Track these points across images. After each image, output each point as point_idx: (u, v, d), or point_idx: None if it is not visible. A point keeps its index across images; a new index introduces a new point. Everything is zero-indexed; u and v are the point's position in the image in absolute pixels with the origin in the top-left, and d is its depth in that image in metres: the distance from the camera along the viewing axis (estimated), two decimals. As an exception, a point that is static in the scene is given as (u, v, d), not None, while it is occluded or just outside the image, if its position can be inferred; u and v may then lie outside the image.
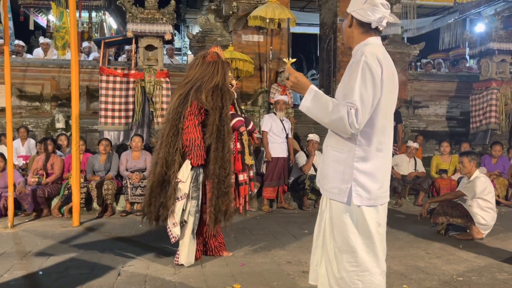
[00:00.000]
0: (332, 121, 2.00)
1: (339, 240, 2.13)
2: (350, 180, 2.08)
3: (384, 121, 2.11)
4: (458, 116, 10.43)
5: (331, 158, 2.15)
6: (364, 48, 2.07)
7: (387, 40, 9.72)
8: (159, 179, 3.67)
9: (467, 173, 5.09)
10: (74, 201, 5.44)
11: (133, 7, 7.68)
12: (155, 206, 3.69)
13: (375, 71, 2.00)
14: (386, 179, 2.19)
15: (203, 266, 3.83)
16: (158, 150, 3.76)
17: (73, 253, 4.21)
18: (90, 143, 8.27)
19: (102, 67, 7.74)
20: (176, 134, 3.68)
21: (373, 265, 2.12)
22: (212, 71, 3.81)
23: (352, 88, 1.98)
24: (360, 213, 2.09)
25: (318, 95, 2.05)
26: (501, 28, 9.18)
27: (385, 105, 2.08)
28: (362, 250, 2.10)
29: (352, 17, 2.14)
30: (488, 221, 4.89)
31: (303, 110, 2.10)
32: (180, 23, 18.60)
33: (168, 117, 3.77)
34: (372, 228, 2.11)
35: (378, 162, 2.11)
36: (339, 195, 2.11)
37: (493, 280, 3.52)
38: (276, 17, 8.19)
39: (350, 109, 1.95)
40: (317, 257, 2.30)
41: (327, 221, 2.20)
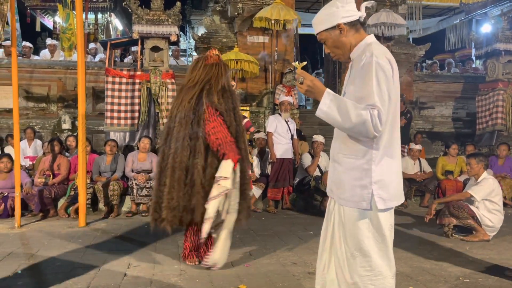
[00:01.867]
0: (355, 125, 1.92)
1: (351, 245, 2.08)
2: (370, 185, 2.02)
3: (395, 120, 2.07)
4: (464, 117, 10.38)
5: (346, 166, 2.08)
6: (370, 48, 2.02)
7: (392, 41, 9.71)
8: (179, 183, 3.64)
9: (475, 174, 5.07)
10: (80, 202, 5.47)
11: (139, 9, 7.71)
12: (176, 210, 3.65)
13: (388, 71, 1.97)
14: (401, 178, 2.16)
15: (208, 266, 3.83)
16: (173, 154, 3.67)
17: (79, 253, 4.23)
18: (96, 144, 8.31)
19: (108, 68, 7.77)
20: (196, 138, 3.67)
21: (386, 269, 2.09)
22: (216, 73, 3.83)
23: (369, 90, 1.93)
24: (376, 217, 2.06)
25: (337, 99, 1.96)
26: (508, 28, 9.13)
27: (395, 105, 2.05)
28: (376, 254, 2.07)
29: (344, 25, 2.07)
30: (495, 223, 4.86)
31: (321, 115, 1.98)
32: (185, 24, 18.65)
33: (181, 121, 3.69)
34: (386, 231, 2.09)
35: (393, 162, 2.08)
36: (360, 203, 2.04)
37: (499, 282, 3.50)
38: (281, 18, 8.20)
39: (373, 111, 1.89)
40: (324, 261, 2.26)
41: (336, 225, 2.15)
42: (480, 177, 5.02)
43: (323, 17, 2.11)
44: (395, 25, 8.96)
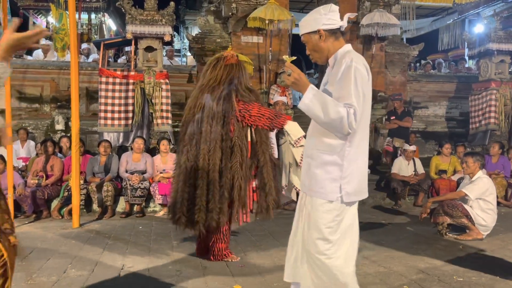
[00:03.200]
0: (331, 120, 2.10)
1: (315, 233, 2.25)
2: (340, 179, 2.21)
3: (366, 121, 2.28)
4: (458, 117, 10.43)
5: (320, 160, 2.26)
6: (350, 55, 2.21)
7: (386, 41, 9.74)
8: (215, 186, 3.63)
9: (470, 173, 5.10)
10: (74, 203, 5.44)
11: (133, 9, 7.68)
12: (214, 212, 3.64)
13: (364, 76, 2.17)
14: (366, 175, 2.35)
15: (203, 267, 3.83)
16: (205, 156, 3.64)
17: (73, 254, 4.21)
18: (89, 144, 8.27)
19: (101, 69, 7.73)
20: (227, 139, 3.67)
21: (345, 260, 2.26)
22: (238, 73, 3.85)
23: (348, 91, 2.11)
24: (341, 209, 2.24)
25: (318, 95, 2.14)
26: (500, 28, 9.18)
27: (367, 107, 2.25)
28: (338, 242, 2.24)
29: (323, 32, 2.24)
30: (489, 222, 4.89)
31: (302, 107, 2.17)
32: (179, 25, 18.61)
33: (209, 121, 3.66)
34: (349, 223, 2.29)
35: (361, 159, 2.28)
36: (328, 194, 2.23)
37: (493, 280, 3.52)
38: (275, 18, 8.20)
39: (349, 109, 2.08)
40: (294, 254, 2.40)
41: (309, 219, 2.30)
42: (474, 176, 5.05)
43: (307, 21, 2.29)
44: (388, 25, 8.99)
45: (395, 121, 8.28)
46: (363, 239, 4.79)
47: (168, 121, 7.76)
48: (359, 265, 3.82)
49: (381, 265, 3.91)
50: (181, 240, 4.78)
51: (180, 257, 4.15)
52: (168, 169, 6.54)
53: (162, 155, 6.71)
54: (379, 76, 9.72)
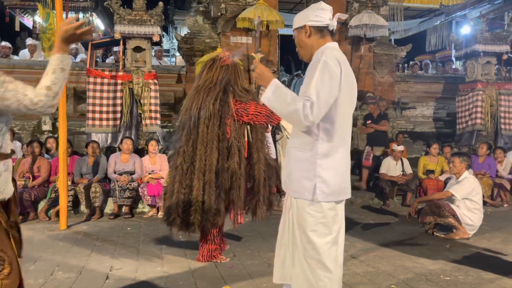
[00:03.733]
0: (289, 113, 2.11)
1: (303, 237, 2.23)
2: (314, 177, 2.18)
3: (344, 118, 2.24)
4: (445, 117, 10.54)
5: (295, 158, 2.26)
6: (324, 51, 2.20)
7: (375, 42, 9.81)
8: (211, 186, 3.65)
9: (457, 173, 5.16)
10: (61, 204, 5.39)
11: (121, 9, 7.63)
12: (209, 214, 3.66)
13: (334, 70, 2.12)
14: (346, 175, 2.31)
15: (192, 268, 3.82)
16: (201, 156, 3.67)
17: (60, 256, 4.16)
18: (77, 145, 8.19)
19: (89, 69, 7.67)
20: (224, 139, 3.71)
21: (333, 265, 2.23)
22: (234, 73, 3.88)
23: (310, 84, 2.10)
24: (322, 210, 2.20)
25: (279, 88, 2.14)
26: (486, 30, 9.30)
27: (344, 104, 2.21)
28: (324, 247, 2.20)
29: (309, 28, 2.26)
30: (475, 221, 4.95)
31: (265, 101, 2.19)
32: (168, 25, 18.53)
33: (205, 122, 3.67)
34: (332, 225, 2.24)
35: (339, 158, 2.23)
36: (303, 193, 2.21)
37: (479, 279, 3.56)
38: (264, 19, 8.21)
39: (306, 102, 2.06)
40: (282, 255, 2.38)
41: (294, 220, 2.28)
42: (461, 176, 5.11)
43: (298, 17, 2.33)
44: (377, 26, 9.06)
45: (371, 125, 7.95)
46: (351, 239, 4.84)
47: (157, 121, 7.72)
48: (348, 265, 3.85)
49: (370, 265, 3.94)
50: (170, 242, 4.75)
51: (169, 259, 4.13)
52: (157, 170, 6.51)
53: (151, 156, 6.67)
54: (368, 76, 9.79)
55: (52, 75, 1.83)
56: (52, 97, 1.82)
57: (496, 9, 11.24)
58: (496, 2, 11.12)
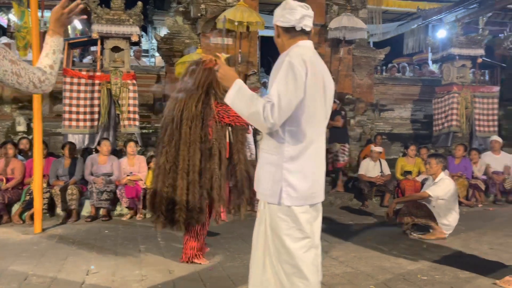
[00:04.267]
0: (250, 114, 2.07)
1: (276, 241, 2.18)
2: (280, 180, 2.14)
3: (312, 120, 2.16)
4: (422, 119, 10.73)
5: (263, 160, 2.23)
6: (290, 50, 2.16)
7: (354, 45, 9.91)
8: (194, 186, 3.72)
9: (433, 174, 5.24)
10: (36, 207, 5.26)
11: (98, 8, 7.50)
12: (193, 212, 3.73)
13: (298, 71, 2.06)
14: (317, 178, 2.23)
15: (170, 271, 3.77)
16: (184, 157, 3.73)
17: (34, 261, 4.06)
18: (53, 146, 8.01)
19: (66, 69, 7.51)
20: (206, 141, 3.77)
21: (309, 269, 2.16)
22: (216, 76, 3.88)
23: (274, 86, 2.05)
24: (292, 214, 2.14)
25: (242, 89, 2.10)
26: (462, 34, 9.50)
27: (312, 105, 2.14)
28: (298, 251, 2.15)
29: (277, 27, 2.24)
30: (451, 221, 5.04)
31: (228, 102, 2.15)
32: (147, 25, 18.33)
33: (188, 124, 3.73)
34: (306, 229, 2.17)
35: (307, 161, 2.17)
36: (271, 196, 2.16)
37: (455, 278, 3.62)
38: (244, 20, 8.20)
39: (267, 103, 2.01)
40: (256, 261, 2.31)
41: (267, 224, 2.23)
42: (437, 177, 5.20)
43: (274, 12, 2.27)
44: (356, 29, 9.15)
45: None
46: (331, 239, 4.86)
47: (136, 122, 7.62)
48: (327, 266, 3.87)
49: (349, 266, 3.96)
50: (149, 244, 4.69)
51: (147, 262, 4.08)
52: (135, 171, 6.42)
53: (129, 158, 6.58)
54: (347, 79, 9.88)
55: (53, 55, 1.97)
56: (54, 75, 1.96)
57: (471, 14, 11.49)
58: (471, 7, 11.37)
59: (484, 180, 7.62)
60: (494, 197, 7.73)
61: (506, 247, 4.62)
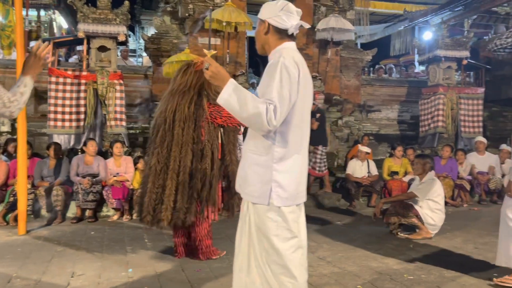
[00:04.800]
0: (250, 116, 2.00)
1: (265, 241, 2.16)
2: (270, 181, 2.12)
3: (301, 122, 2.17)
4: (409, 120, 10.83)
5: (251, 161, 2.19)
6: (281, 51, 2.14)
7: (341, 46, 9.97)
8: (184, 186, 3.76)
9: (420, 174, 5.29)
10: (20, 208, 5.18)
11: (85, 7, 7.42)
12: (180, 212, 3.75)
13: (292, 72, 2.05)
14: (303, 179, 2.25)
15: (158, 273, 3.74)
16: (176, 158, 3.76)
17: (18, 263, 3.99)
18: (38, 147, 7.89)
19: (51, 68, 7.42)
20: (198, 142, 3.81)
21: (297, 269, 2.17)
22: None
23: (270, 87, 2.02)
24: (281, 214, 2.14)
25: (238, 89, 2.03)
26: (447, 36, 9.62)
27: (301, 106, 2.15)
28: (287, 251, 2.14)
29: (268, 24, 2.19)
30: (437, 221, 5.09)
31: (221, 102, 2.07)
32: (134, 24, 18.20)
33: (180, 125, 3.76)
34: (293, 228, 2.18)
35: (295, 161, 2.17)
36: (259, 197, 2.14)
37: (441, 277, 3.66)
38: (233, 21, 8.19)
39: (269, 105, 1.97)
40: (239, 263, 2.29)
41: (252, 225, 2.21)
42: (424, 178, 5.24)
43: (265, 7, 2.23)
44: (343, 30, 9.21)
45: None
46: (319, 240, 4.88)
47: (122, 122, 7.55)
48: (315, 266, 3.88)
49: (336, 266, 3.98)
50: (136, 246, 4.65)
51: (134, 263, 4.04)
52: (122, 172, 6.36)
53: (116, 158, 6.51)
54: (334, 80, 9.93)
55: (24, 87, 2.20)
56: (23, 102, 2.17)
57: (457, 16, 11.65)
58: (456, 9, 11.52)
59: (469, 180, 7.72)
60: (479, 197, 7.84)
61: (490, 246, 4.68)
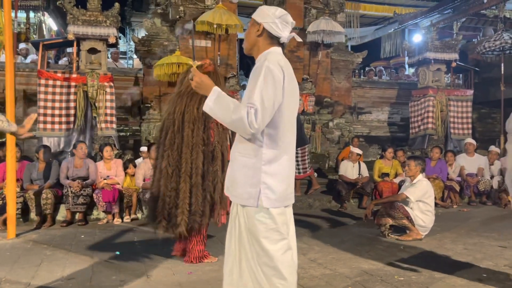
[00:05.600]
0: (233, 121, 2.06)
1: (255, 244, 2.19)
2: (258, 183, 2.15)
3: (288, 124, 2.22)
4: (399, 122, 10.92)
5: (240, 164, 2.22)
6: (267, 56, 2.18)
7: (332, 48, 10.02)
8: (198, 189, 3.76)
9: (411, 176, 5.32)
10: (9, 212, 5.12)
11: (74, 9, 7.39)
12: (196, 215, 3.76)
13: (277, 76, 2.10)
14: (291, 180, 2.29)
15: (148, 276, 3.72)
16: (187, 160, 3.76)
17: (7, 267, 3.94)
18: (28, 150, 7.83)
19: (40, 70, 7.37)
20: (208, 143, 3.82)
21: (287, 270, 2.19)
22: (215, 80, 3.98)
23: (253, 90, 2.06)
24: (271, 216, 2.17)
25: (220, 96, 2.11)
26: (437, 38, 9.72)
27: (287, 109, 2.19)
28: (277, 252, 2.17)
29: (263, 28, 2.23)
30: (427, 223, 5.13)
31: (206, 110, 2.14)
32: (125, 26, 18.09)
33: (190, 126, 3.77)
34: (282, 229, 2.21)
35: (284, 163, 2.21)
36: (249, 199, 2.17)
37: (431, 278, 3.68)
38: (223, 23, 8.20)
39: (250, 109, 2.02)
40: (230, 266, 2.31)
41: (242, 228, 2.24)
42: (415, 179, 5.28)
43: (262, 10, 2.27)
44: (334, 33, 9.26)
45: None
46: (310, 242, 4.89)
47: (113, 125, 7.52)
48: (306, 268, 3.88)
49: (327, 267, 3.99)
50: (126, 249, 4.62)
51: (124, 266, 4.01)
52: (112, 175, 6.32)
53: (106, 161, 6.47)
54: (325, 82, 9.98)
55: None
56: None
57: (446, 19, 11.77)
58: (445, 12, 11.65)
59: (458, 181, 7.79)
60: (469, 198, 7.91)
61: (479, 247, 4.73)
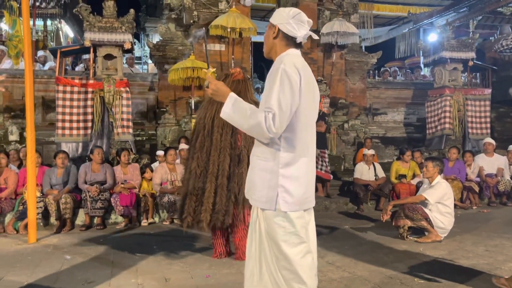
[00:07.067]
0: (251, 126, 2.07)
1: (274, 247, 2.19)
2: (276, 187, 2.15)
3: (306, 127, 2.21)
4: (415, 122, 10.79)
5: (258, 167, 2.22)
6: (283, 58, 2.16)
7: (346, 49, 9.97)
8: (223, 189, 3.97)
9: (430, 177, 5.26)
10: (30, 217, 5.21)
11: (91, 16, 7.49)
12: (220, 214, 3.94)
13: (293, 78, 2.08)
14: (311, 184, 2.27)
15: (167, 280, 3.75)
16: (215, 162, 3.99)
17: (28, 271, 4.01)
18: (47, 155, 7.96)
19: (58, 77, 7.49)
20: (235, 147, 4.02)
21: (307, 275, 2.17)
22: (245, 88, 4.15)
23: (270, 94, 2.06)
24: (289, 219, 2.16)
25: (238, 102, 2.13)
26: (453, 37, 9.60)
27: (305, 112, 2.17)
28: (296, 256, 2.16)
29: (278, 29, 2.23)
30: (446, 225, 5.06)
31: (224, 116, 2.16)
32: (140, 32, 18.32)
33: (219, 131, 3.99)
34: (301, 233, 2.19)
35: (302, 167, 2.19)
36: (267, 203, 2.17)
37: (452, 281, 3.62)
38: (237, 26, 8.23)
39: (268, 114, 2.02)
40: (251, 268, 2.31)
41: (262, 231, 2.23)
42: (434, 181, 5.22)
43: (278, 12, 2.28)
44: (348, 34, 9.21)
45: None
46: (327, 245, 4.86)
47: (129, 130, 7.59)
48: (324, 271, 3.86)
49: (346, 270, 3.96)
50: (145, 252, 4.66)
51: (143, 270, 4.04)
52: (129, 179, 6.38)
53: (123, 166, 6.54)
54: (340, 83, 9.93)
55: None
56: None
57: (462, 17, 11.62)
58: (461, 10, 11.50)
59: (477, 182, 7.66)
60: (488, 199, 7.77)
61: (501, 248, 4.64)
